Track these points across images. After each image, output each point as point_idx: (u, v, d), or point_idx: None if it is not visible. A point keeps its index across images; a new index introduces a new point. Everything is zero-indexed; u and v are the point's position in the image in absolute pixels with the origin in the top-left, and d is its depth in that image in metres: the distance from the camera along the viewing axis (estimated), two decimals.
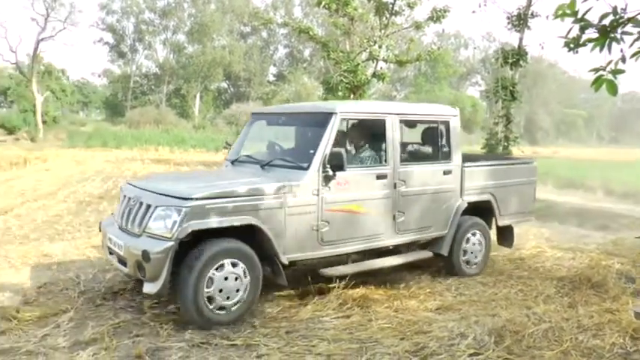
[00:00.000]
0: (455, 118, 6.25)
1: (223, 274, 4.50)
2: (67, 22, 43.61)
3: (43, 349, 4.03)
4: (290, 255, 4.91)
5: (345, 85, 13.74)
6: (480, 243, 6.47)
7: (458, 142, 6.22)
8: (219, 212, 4.51)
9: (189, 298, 4.37)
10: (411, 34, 17.26)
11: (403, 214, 5.68)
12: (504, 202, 6.65)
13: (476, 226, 6.43)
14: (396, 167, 5.62)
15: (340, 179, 5.12)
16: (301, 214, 4.94)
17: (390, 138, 5.61)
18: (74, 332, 4.29)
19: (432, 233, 6.06)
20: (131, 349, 4.01)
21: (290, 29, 18.03)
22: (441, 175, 6.03)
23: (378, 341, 4.27)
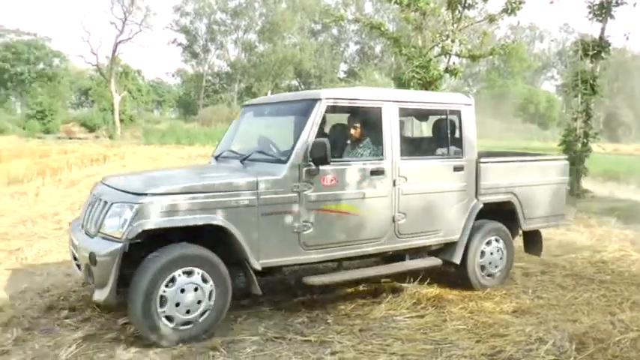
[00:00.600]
0: (468, 107, 5.55)
1: (177, 287, 3.98)
2: (143, 24, 45.56)
3: (123, 337, 4.20)
4: (265, 260, 4.35)
5: (417, 81, 13.52)
6: (500, 251, 5.70)
7: (472, 135, 5.51)
8: (176, 210, 4.01)
9: (138, 316, 3.91)
10: (484, 28, 16.82)
11: (405, 215, 5.01)
12: (529, 204, 5.87)
13: (495, 230, 5.68)
14: (396, 162, 4.95)
15: (326, 174, 4.52)
16: (278, 213, 4.37)
17: (388, 128, 4.95)
18: None
19: (442, 238, 5.32)
20: (206, 341, 4.09)
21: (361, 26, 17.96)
22: (450, 172, 5.31)
23: (453, 343, 4.18)
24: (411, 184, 5.03)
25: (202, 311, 4.10)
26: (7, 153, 21.07)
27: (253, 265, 4.27)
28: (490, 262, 5.62)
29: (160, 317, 3.94)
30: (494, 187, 5.59)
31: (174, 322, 4.00)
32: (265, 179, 4.34)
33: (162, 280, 3.93)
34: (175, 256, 4.00)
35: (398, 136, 5.01)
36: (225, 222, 4.13)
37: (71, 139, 36.92)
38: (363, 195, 4.76)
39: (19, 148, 24.74)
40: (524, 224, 5.91)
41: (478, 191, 5.50)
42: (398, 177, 4.95)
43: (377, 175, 4.83)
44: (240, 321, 4.53)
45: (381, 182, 4.86)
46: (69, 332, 4.28)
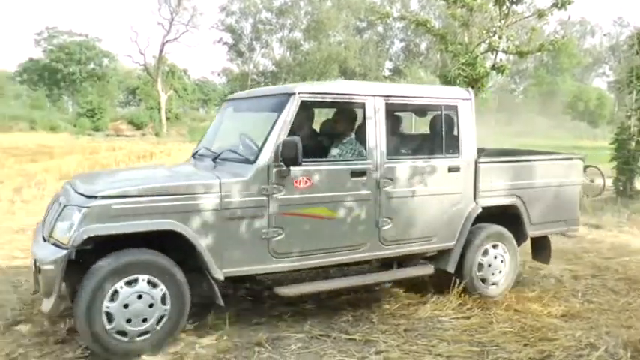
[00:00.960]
0: (466, 102, 5.05)
1: (121, 301, 3.66)
2: (190, 24, 46.34)
3: None
4: (229, 269, 4.02)
5: (463, 78, 13.31)
6: (502, 257, 5.24)
7: (471, 133, 5.04)
8: (126, 215, 3.70)
9: (87, 338, 3.66)
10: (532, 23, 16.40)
11: (391, 220, 4.61)
12: (536, 208, 5.39)
13: (496, 236, 5.22)
14: (381, 163, 4.54)
15: (299, 176, 4.18)
16: (244, 218, 4.04)
17: (372, 126, 4.54)
18: (198, 317, 4.46)
19: (435, 245, 4.92)
20: (252, 337, 4.14)
21: (407, 23, 17.76)
22: (444, 173, 4.86)
23: (499, 345, 4.10)
24: (399, 187, 4.64)
25: (158, 318, 3.81)
26: (59, 150, 21.83)
27: (214, 274, 3.93)
28: (490, 268, 5.17)
29: (110, 335, 3.66)
30: (495, 189, 5.15)
31: (129, 336, 3.72)
32: (229, 181, 4.01)
33: (104, 294, 3.62)
34: (116, 265, 3.65)
35: (384, 135, 4.60)
36: (182, 227, 3.81)
37: (119, 136, 37.90)
38: (342, 198, 4.38)
39: (71, 145, 25.58)
40: (530, 229, 5.41)
41: (477, 194, 5.05)
42: (383, 179, 4.55)
43: (358, 177, 4.45)
44: (285, 318, 4.55)
45: (363, 184, 4.46)
46: None
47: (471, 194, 5.04)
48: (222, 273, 3.98)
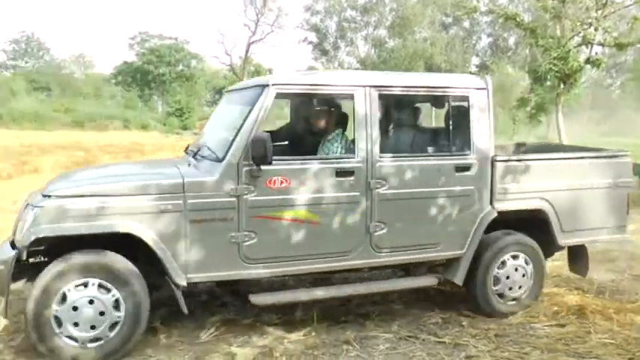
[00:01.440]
0: (481, 92, 4.47)
1: (69, 304, 3.51)
2: (275, 25, 47.24)
3: (259, 324, 4.35)
4: (194, 275, 3.78)
5: (554, 73, 12.75)
6: (524, 269, 4.62)
7: (486, 127, 4.45)
8: (82, 215, 3.53)
9: (35, 342, 3.52)
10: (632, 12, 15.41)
11: (385, 225, 4.18)
12: (570, 213, 4.67)
13: (516, 245, 4.61)
14: (372, 161, 4.10)
15: (274, 176, 3.86)
16: (212, 220, 3.76)
17: (362, 119, 4.10)
18: (286, 312, 4.51)
19: (440, 253, 4.41)
20: (340, 335, 4.13)
21: (495, 17, 17.20)
22: (451, 173, 4.33)
23: (599, 358, 3.86)
24: (394, 188, 4.17)
25: (110, 324, 3.60)
26: (150, 147, 22.88)
27: (176, 279, 3.70)
28: (509, 281, 4.58)
29: (60, 338, 3.52)
30: (517, 191, 4.53)
31: (80, 341, 3.55)
32: (194, 181, 3.77)
33: (53, 297, 3.49)
34: (64, 268, 3.52)
35: (377, 130, 4.14)
36: (139, 229, 3.60)
37: None
38: (326, 200, 4.00)
39: (160, 143, 26.72)
40: (561, 238, 4.69)
41: (493, 196, 4.47)
42: (375, 179, 4.11)
43: (344, 177, 4.04)
44: (373, 317, 4.51)
45: (350, 185, 4.05)
46: (207, 315, 4.48)
47: (486, 196, 4.46)
48: (185, 279, 3.75)
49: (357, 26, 54.93)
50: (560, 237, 4.71)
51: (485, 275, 4.52)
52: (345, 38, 55.38)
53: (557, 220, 4.66)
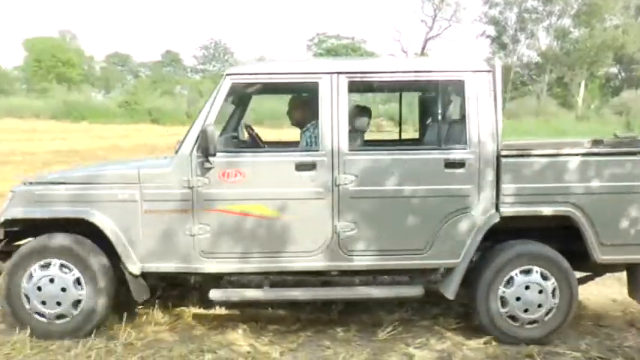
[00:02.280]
0: (479, 76, 3.85)
1: (34, 282, 3.79)
2: (452, 19, 46.26)
3: (436, 327, 4.25)
4: (149, 264, 3.83)
5: None
6: (540, 287, 3.86)
7: (487, 116, 3.82)
8: (49, 201, 3.82)
9: (6, 307, 3.88)
10: None
11: (355, 226, 3.81)
12: (611, 222, 3.82)
13: (529, 258, 3.87)
14: (338, 154, 3.76)
15: (228, 168, 3.75)
16: (167, 212, 3.78)
17: (327, 109, 3.78)
18: (464, 318, 4.35)
19: (429, 261, 3.89)
20: (523, 347, 3.85)
21: None
22: (439, 169, 3.80)
23: None
24: (366, 185, 3.79)
25: (74, 302, 3.81)
26: None
27: (129, 267, 3.81)
28: (522, 302, 3.87)
29: (30, 315, 3.83)
30: (534, 193, 3.83)
31: (47, 318, 3.82)
32: (149, 172, 3.83)
33: (21, 275, 3.79)
34: (31, 248, 3.84)
35: (345, 121, 3.81)
36: (97, 217, 3.77)
37: (380, 132, 39.76)
38: (284, 195, 3.79)
39: None
40: (599, 252, 3.85)
41: (499, 198, 3.83)
42: (342, 174, 3.77)
43: (305, 171, 3.77)
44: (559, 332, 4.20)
45: (312, 180, 3.77)
46: (385, 313, 4.46)
47: (489, 198, 3.83)
48: (139, 267, 3.84)
49: (539, 17, 51.54)
50: (598, 251, 3.85)
51: (487, 293, 3.88)
52: (525, 30, 52.32)
53: (593, 230, 3.83)
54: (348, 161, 3.79)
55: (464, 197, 3.82)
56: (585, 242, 3.85)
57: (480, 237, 3.85)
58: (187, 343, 3.88)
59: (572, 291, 3.90)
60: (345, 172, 3.78)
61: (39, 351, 3.69)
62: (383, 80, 4.07)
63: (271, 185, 3.81)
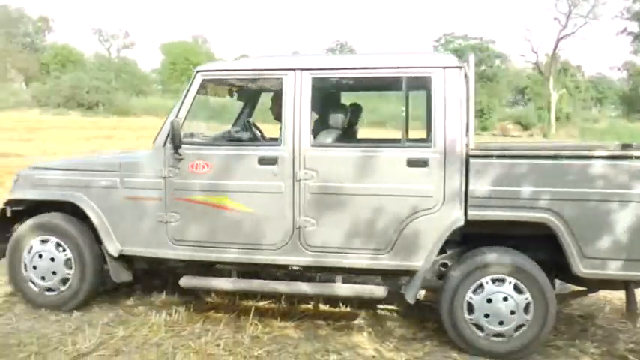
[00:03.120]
0: (448, 72, 3.65)
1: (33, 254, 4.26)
2: (589, 16, 43.12)
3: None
4: (127, 247, 4.12)
5: None
6: (512, 298, 3.55)
7: (457, 115, 3.62)
8: (45, 185, 4.31)
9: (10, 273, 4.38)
10: None
11: (315, 222, 3.78)
12: (596, 233, 3.45)
13: (500, 265, 3.58)
14: (300, 150, 3.77)
15: (195, 160, 3.92)
16: (143, 199, 4.05)
17: (290, 105, 3.79)
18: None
19: (388, 262, 3.74)
20: None
21: None
22: (400, 168, 3.67)
23: None
24: (326, 181, 3.77)
25: (62, 279, 4.24)
26: None
27: (109, 248, 4.12)
28: (490, 312, 3.59)
29: (26, 284, 4.29)
30: (506, 197, 3.54)
31: (38, 288, 4.28)
32: (128, 162, 4.19)
33: (22, 247, 4.26)
34: (30, 225, 4.28)
35: (307, 117, 3.80)
36: (82, 200, 4.14)
37: (505, 136, 38.02)
38: (247, 188, 3.87)
39: None
40: (581, 265, 3.48)
41: (467, 201, 3.59)
42: (303, 169, 3.77)
43: (267, 165, 3.83)
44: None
45: (274, 175, 3.82)
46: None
47: (455, 200, 3.62)
48: (117, 250, 4.12)
49: None
50: (579, 264, 3.49)
51: (452, 297, 3.65)
52: None
53: (573, 240, 3.49)
54: (309, 157, 3.81)
55: (426, 198, 3.67)
56: (565, 253, 3.51)
57: (441, 240, 3.67)
58: (313, 341, 3.89)
59: (548, 308, 3.57)
60: (306, 168, 3.80)
61: (172, 335, 3.91)
62: (348, 77, 4.08)
63: (236, 178, 3.92)
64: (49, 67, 51.14)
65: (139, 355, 3.58)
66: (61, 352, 3.57)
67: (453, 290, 3.66)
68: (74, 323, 4.04)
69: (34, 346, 3.66)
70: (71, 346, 3.64)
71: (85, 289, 4.25)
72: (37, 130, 23.85)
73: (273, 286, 4.08)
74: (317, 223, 3.83)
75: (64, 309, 4.23)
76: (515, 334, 3.60)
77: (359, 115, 4.75)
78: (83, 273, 4.21)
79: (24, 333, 3.87)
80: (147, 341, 3.77)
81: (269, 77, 4.10)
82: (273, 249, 3.92)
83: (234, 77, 4.27)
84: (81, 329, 3.91)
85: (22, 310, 4.30)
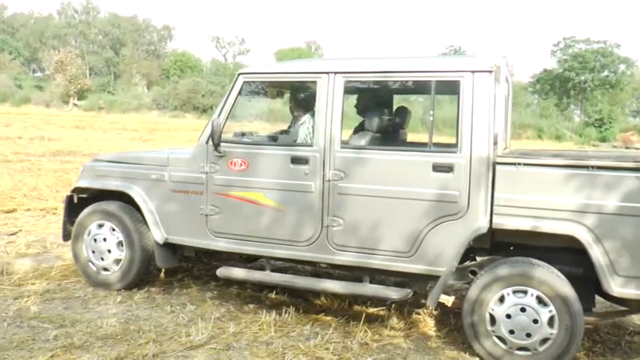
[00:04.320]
0: (478, 76, 3.53)
1: (92, 236, 4.62)
2: None
3: None
4: (172, 237, 4.40)
5: None
6: (535, 313, 3.34)
7: (486, 120, 3.50)
8: (105, 175, 4.68)
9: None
10: None
11: (342, 221, 3.83)
12: (629, 249, 3.16)
13: (521, 277, 3.39)
14: (330, 151, 3.84)
15: (235, 158, 4.12)
16: (187, 192, 4.31)
17: (322, 108, 3.87)
18: None
19: (413, 265, 3.70)
20: None
21: None
22: (426, 172, 3.61)
23: None
24: (354, 182, 3.81)
25: (116, 259, 4.57)
26: None
27: (156, 236, 4.41)
28: (512, 324, 3.41)
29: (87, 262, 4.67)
30: (533, 206, 3.38)
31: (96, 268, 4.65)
32: (175, 157, 4.44)
33: (84, 231, 4.65)
34: (90, 212, 4.65)
35: (339, 119, 3.85)
36: (135, 191, 4.48)
37: (628, 148, 35.29)
38: (280, 186, 4.01)
39: None
40: (611, 284, 3.23)
41: (492, 208, 3.47)
42: (333, 170, 3.83)
43: (299, 165, 3.94)
44: None
45: (305, 174, 3.93)
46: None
47: (480, 207, 3.51)
48: (163, 238, 4.41)
49: None
50: (611, 282, 3.24)
51: (472, 309, 3.51)
52: None
53: (605, 256, 3.25)
54: (338, 158, 3.85)
55: (451, 203, 3.59)
56: (595, 270, 3.27)
57: (463, 246, 3.55)
58: (422, 353, 3.75)
59: (575, 322, 3.32)
60: (335, 169, 3.85)
61: (281, 335, 3.90)
62: (378, 80, 4.06)
63: (270, 176, 4.05)
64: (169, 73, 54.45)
65: (249, 352, 3.59)
66: (176, 342, 3.66)
67: (474, 300, 3.51)
68: (187, 316, 4.14)
69: (151, 333, 3.78)
70: (185, 337, 3.73)
71: (134, 271, 4.55)
72: (157, 131, 25.41)
73: (293, 281, 4.15)
74: (344, 223, 3.86)
75: (115, 288, 4.59)
76: (540, 349, 3.39)
77: (406, 118, 4.67)
78: (133, 256, 4.52)
79: (142, 321, 4.02)
80: (257, 339, 3.78)
81: (304, 80, 4.23)
82: (303, 246, 4.00)
83: (273, 80, 4.38)
84: (194, 322, 3.99)
85: (140, 299, 4.48)
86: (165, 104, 42.11)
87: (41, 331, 3.77)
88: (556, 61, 50.27)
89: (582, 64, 47.65)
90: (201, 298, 4.55)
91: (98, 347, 3.56)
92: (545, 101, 48.86)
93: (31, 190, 8.92)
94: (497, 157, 3.54)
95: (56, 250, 5.84)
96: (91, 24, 70.40)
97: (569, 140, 37.57)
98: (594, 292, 3.64)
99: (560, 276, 3.41)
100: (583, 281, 3.48)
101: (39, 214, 7.61)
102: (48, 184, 9.50)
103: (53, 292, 4.57)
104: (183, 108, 40.95)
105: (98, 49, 67.95)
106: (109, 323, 3.92)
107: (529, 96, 52.74)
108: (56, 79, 48.72)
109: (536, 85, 51.97)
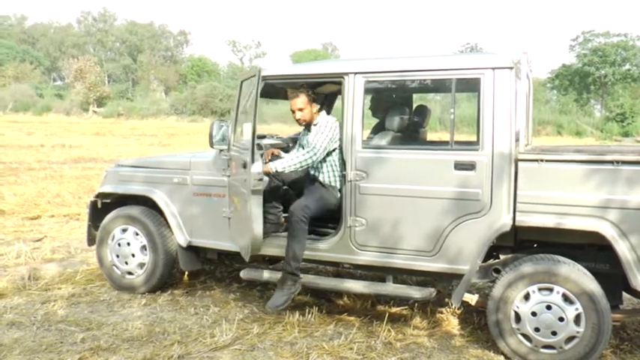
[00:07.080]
0: (499, 72, 3.47)
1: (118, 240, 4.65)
2: None
3: None
4: (196, 240, 4.45)
5: None
6: (561, 310, 3.30)
7: (507, 117, 3.45)
8: (128, 180, 4.71)
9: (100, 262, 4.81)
10: None
11: (364, 221, 3.81)
12: None
13: (546, 274, 3.35)
14: (352, 152, 3.81)
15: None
16: (209, 195, 4.35)
17: (345, 108, 3.84)
18: None
19: (436, 264, 3.68)
20: None
21: None
22: (448, 171, 3.56)
23: None
24: (376, 182, 3.78)
25: (140, 264, 4.61)
26: None
27: (179, 239, 4.46)
28: (537, 322, 3.38)
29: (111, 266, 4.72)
30: (556, 203, 3.34)
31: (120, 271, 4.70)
32: (197, 161, 4.46)
33: (108, 236, 4.69)
34: (114, 216, 4.69)
35: (359, 119, 3.81)
36: (158, 195, 4.52)
37: None
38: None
39: None
40: (638, 279, 3.20)
41: (515, 205, 3.44)
42: (354, 170, 3.81)
43: None
44: None
45: None
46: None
47: (503, 204, 3.49)
48: (187, 241, 4.46)
49: None
50: (639, 278, 3.21)
51: (497, 306, 3.49)
52: None
53: (631, 251, 3.22)
54: (360, 158, 3.82)
55: (473, 201, 3.55)
56: (622, 266, 3.24)
57: (486, 244, 3.52)
58: (446, 352, 3.73)
59: (603, 320, 3.28)
60: (357, 169, 3.81)
61: (305, 335, 3.94)
62: (398, 79, 4.03)
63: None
64: (186, 78, 54.82)
65: (273, 352, 3.62)
66: (201, 344, 3.70)
67: (499, 298, 3.49)
68: (211, 317, 4.18)
69: (176, 335, 3.84)
70: (209, 338, 3.77)
71: (158, 274, 4.58)
72: (176, 136, 25.61)
73: (316, 281, 4.10)
74: (367, 223, 3.85)
75: (139, 291, 4.63)
76: (566, 347, 3.36)
77: (426, 116, 4.64)
78: (156, 259, 4.56)
79: (167, 323, 4.07)
80: (281, 339, 3.81)
81: (329, 81, 4.17)
82: (327, 246, 3.99)
83: (293, 81, 4.20)
84: (218, 323, 4.04)
85: (164, 301, 4.53)
86: (183, 109, 42.43)
87: (68, 334, 3.83)
88: (575, 55, 49.63)
89: (602, 58, 46.97)
90: (225, 300, 4.58)
91: (124, 349, 3.60)
92: (564, 97, 48.23)
93: (54, 196, 9.03)
94: (519, 154, 3.51)
95: (80, 254, 5.92)
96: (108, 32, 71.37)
97: (591, 136, 37.03)
98: (621, 289, 3.59)
99: (586, 273, 3.37)
100: (609, 278, 3.44)
101: (62, 220, 7.72)
102: (70, 190, 9.62)
103: (79, 296, 4.64)
104: (201, 112, 41.18)
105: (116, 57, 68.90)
106: (134, 326, 3.97)
107: (548, 92, 52.09)
108: (76, 87, 49.38)
109: (555, 80, 51.36)
